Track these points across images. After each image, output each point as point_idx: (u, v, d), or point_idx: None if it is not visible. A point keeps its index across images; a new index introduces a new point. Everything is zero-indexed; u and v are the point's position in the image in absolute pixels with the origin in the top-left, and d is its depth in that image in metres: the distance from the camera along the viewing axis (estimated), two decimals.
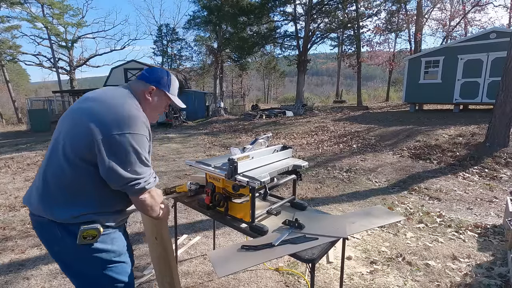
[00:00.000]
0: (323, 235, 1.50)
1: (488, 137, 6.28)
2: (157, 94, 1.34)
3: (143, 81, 1.34)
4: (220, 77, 22.93)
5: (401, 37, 22.26)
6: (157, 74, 1.36)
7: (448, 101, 11.41)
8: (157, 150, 8.51)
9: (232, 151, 1.79)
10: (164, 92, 1.36)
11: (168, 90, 1.38)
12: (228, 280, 2.41)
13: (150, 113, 1.33)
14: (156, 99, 1.35)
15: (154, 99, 1.34)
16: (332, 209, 3.91)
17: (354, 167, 5.91)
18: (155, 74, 1.35)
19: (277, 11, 19.40)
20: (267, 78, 44.65)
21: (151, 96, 1.33)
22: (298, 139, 9.23)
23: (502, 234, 3.11)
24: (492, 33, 10.18)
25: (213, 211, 1.80)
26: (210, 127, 13.65)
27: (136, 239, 3.14)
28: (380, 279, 2.42)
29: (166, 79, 1.38)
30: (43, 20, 22.48)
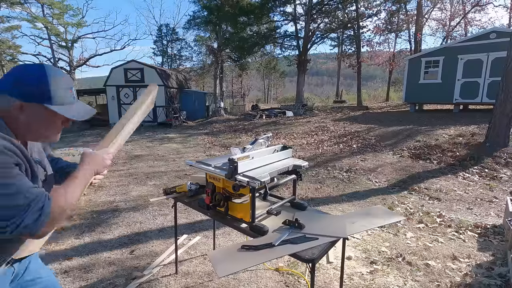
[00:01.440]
0: (323, 235, 1.50)
1: (488, 137, 6.28)
2: (32, 111, 0.89)
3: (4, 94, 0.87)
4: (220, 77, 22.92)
5: (401, 37, 22.28)
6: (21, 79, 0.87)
7: (448, 101, 11.41)
8: (157, 150, 8.52)
9: (232, 151, 1.79)
10: (43, 106, 0.89)
11: (49, 100, 0.89)
12: (228, 280, 2.41)
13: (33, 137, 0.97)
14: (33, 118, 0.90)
15: (29, 118, 0.90)
16: (332, 209, 3.91)
17: (354, 167, 5.91)
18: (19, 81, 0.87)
19: (277, 11, 19.40)
20: (267, 78, 44.64)
21: (24, 114, 0.89)
22: (298, 139, 9.23)
23: (502, 234, 3.11)
24: (492, 33, 10.18)
25: (213, 211, 1.80)
26: (210, 127, 13.65)
27: (136, 239, 3.15)
28: (380, 279, 2.42)
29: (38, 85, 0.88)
30: (43, 20, 22.48)
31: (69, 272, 2.53)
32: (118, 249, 2.93)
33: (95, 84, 32.74)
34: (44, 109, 0.90)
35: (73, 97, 0.97)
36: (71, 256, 2.78)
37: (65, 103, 0.93)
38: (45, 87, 0.88)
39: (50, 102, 0.89)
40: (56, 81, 0.91)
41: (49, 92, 0.89)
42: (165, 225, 3.49)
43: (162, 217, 3.73)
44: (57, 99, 0.90)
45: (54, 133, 0.98)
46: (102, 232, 3.32)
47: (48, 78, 0.89)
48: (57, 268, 2.57)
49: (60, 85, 0.92)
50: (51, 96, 0.89)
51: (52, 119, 0.93)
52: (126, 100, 15.58)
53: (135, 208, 4.03)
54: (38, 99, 0.88)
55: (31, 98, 0.87)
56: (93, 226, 3.46)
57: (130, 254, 2.84)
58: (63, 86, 0.93)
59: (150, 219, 3.66)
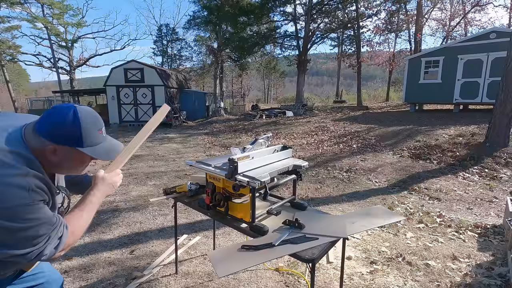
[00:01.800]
0: (323, 235, 1.50)
1: (488, 137, 6.28)
2: (64, 152, 0.96)
3: (39, 136, 0.93)
4: (220, 77, 22.93)
5: (401, 37, 22.29)
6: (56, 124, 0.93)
7: (448, 101, 11.41)
8: (157, 150, 8.52)
9: (232, 151, 1.79)
10: (75, 149, 0.97)
11: (80, 144, 0.97)
12: (228, 280, 2.41)
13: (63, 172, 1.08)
14: (65, 158, 0.98)
15: (62, 159, 0.97)
16: (332, 209, 3.91)
17: (354, 167, 5.92)
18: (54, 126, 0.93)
19: (277, 11, 19.41)
20: (267, 78, 44.65)
21: (56, 156, 0.96)
22: (298, 139, 9.23)
23: (502, 234, 3.11)
24: (492, 33, 10.18)
25: (213, 211, 1.80)
26: (210, 127, 13.65)
27: (136, 239, 3.15)
28: (380, 279, 2.42)
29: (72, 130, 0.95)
30: (43, 20, 22.49)
31: (69, 272, 2.53)
32: (118, 249, 2.93)
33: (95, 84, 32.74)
34: (75, 151, 0.98)
35: (102, 137, 1.05)
36: (71, 256, 2.78)
37: (94, 144, 1.01)
38: (78, 132, 0.95)
39: (81, 145, 0.97)
40: (88, 125, 0.98)
41: (81, 137, 0.96)
42: (165, 225, 3.49)
43: (162, 217, 3.73)
44: (87, 142, 0.98)
45: (81, 169, 1.08)
46: (102, 232, 3.32)
47: (80, 123, 0.95)
48: (57, 268, 2.57)
49: (91, 128, 0.99)
50: (82, 140, 0.97)
51: (82, 159, 1.03)
52: (126, 100, 15.58)
53: (135, 208, 4.03)
54: (70, 143, 0.96)
55: (64, 142, 0.95)
56: (93, 226, 3.46)
57: (130, 254, 2.84)
58: (94, 129, 1.00)
59: (150, 219, 3.66)
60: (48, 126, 0.94)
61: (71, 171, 1.08)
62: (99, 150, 1.02)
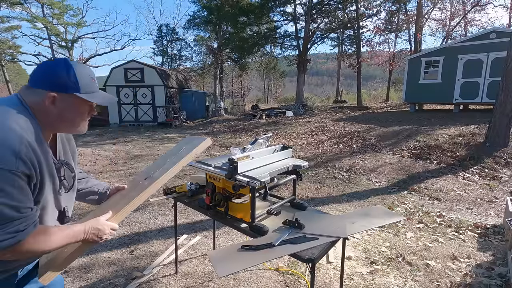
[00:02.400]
0: (323, 235, 1.50)
1: (488, 137, 6.28)
2: (63, 101, 0.95)
3: (35, 89, 0.93)
4: (220, 77, 22.94)
5: (401, 37, 22.30)
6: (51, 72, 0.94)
7: (448, 101, 11.41)
8: (157, 150, 8.52)
9: (232, 151, 1.79)
10: (74, 95, 0.96)
11: (78, 90, 0.96)
12: (228, 280, 2.41)
13: (65, 127, 1.01)
14: (65, 107, 0.96)
15: (61, 109, 0.96)
16: (332, 209, 3.91)
17: (354, 167, 5.91)
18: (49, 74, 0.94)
19: (277, 11, 19.40)
20: (267, 78, 44.65)
21: (56, 106, 0.94)
22: (298, 139, 9.23)
23: (502, 234, 3.11)
24: (492, 33, 10.18)
25: (213, 211, 1.80)
26: (210, 127, 13.65)
27: (136, 239, 3.15)
28: (380, 279, 2.42)
29: (67, 76, 0.94)
30: (43, 20, 22.47)
31: (69, 272, 2.53)
32: (118, 249, 2.93)
33: None
34: (75, 98, 0.97)
35: (96, 85, 1.04)
36: None
37: (90, 92, 1.00)
38: (73, 77, 0.95)
39: (78, 90, 0.96)
40: (81, 71, 0.98)
41: (76, 82, 0.96)
42: (165, 225, 3.49)
43: (162, 217, 3.73)
44: (84, 88, 0.98)
45: (83, 123, 1.04)
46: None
47: (74, 69, 0.96)
48: None
49: (85, 74, 0.99)
50: (79, 85, 0.96)
51: (82, 107, 1.00)
52: (126, 100, 15.58)
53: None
54: (68, 89, 0.95)
55: (62, 89, 0.94)
56: None
57: (130, 254, 2.84)
58: (87, 76, 1.00)
59: (150, 219, 3.66)
60: (43, 76, 0.94)
61: (73, 126, 1.02)
62: (96, 96, 1.01)
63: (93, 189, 1.33)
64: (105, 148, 8.80)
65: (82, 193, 1.30)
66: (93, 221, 1.06)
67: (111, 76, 15.41)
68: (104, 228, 1.06)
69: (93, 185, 1.34)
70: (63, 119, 0.98)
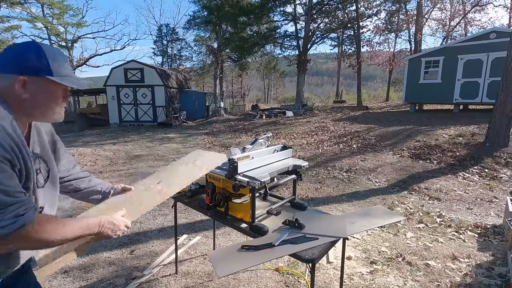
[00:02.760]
0: (323, 235, 1.50)
1: (488, 137, 6.28)
2: (35, 85, 0.90)
3: (3, 74, 0.88)
4: (220, 77, 22.95)
5: (401, 37, 22.30)
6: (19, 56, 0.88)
7: (448, 101, 11.41)
8: (157, 150, 8.52)
9: (232, 151, 1.79)
10: (46, 78, 0.90)
11: (50, 73, 0.90)
12: (228, 280, 2.41)
13: (40, 114, 0.95)
14: (37, 92, 0.91)
15: (33, 93, 0.90)
16: (332, 209, 3.91)
17: (354, 167, 5.91)
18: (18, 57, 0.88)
19: (277, 11, 19.41)
20: (267, 78, 44.65)
21: (27, 90, 0.89)
22: (298, 139, 9.23)
23: (502, 234, 3.11)
24: (492, 33, 10.18)
25: (213, 211, 1.80)
26: (210, 127, 13.65)
27: (136, 239, 3.15)
28: (380, 279, 2.42)
29: (37, 58, 0.89)
30: (43, 20, 22.50)
31: (69, 272, 2.53)
32: (118, 249, 2.93)
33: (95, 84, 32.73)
34: (47, 81, 0.91)
35: (70, 69, 0.98)
36: None
37: (63, 75, 0.94)
38: (44, 59, 0.90)
39: (50, 73, 0.91)
40: (52, 54, 0.92)
41: (48, 64, 0.90)
42: (165, 225, 3.49)
43: (162, 217, 3.73)
44: (56, 70, 0.92)
45: (58, 109, 0.98)
46: None
47: (44, 50, 0.90)
48: None
49: (57, 58, 0.93)
50: (50, 67, 0.91)
51: (55, 92, 0.95)
52: (126, 100, 15.59)
53: None
54: (40, 72, 0.89)
55: (32, 72, 0.89)
56: None
57: (130, 254, 2.84)
58: (59, 58, 0.94)
59: (150, 219, 3.66)
60: (11, 60, 0.88)
61: (47, 113, 0.95)
62: (70, 79, 0.95)
63: (97, 188, 1.29)
64: (105, 148, 8.80)
65: (85, 192, 1.27)
66: (109, 216, 1.05)
67: (111, 76, 15.41)
68: (119, 224, 1.06)
69: (96, 184, 1.31)
70: (36, 104, 0.92)
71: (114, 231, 1.04)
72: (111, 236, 1.05)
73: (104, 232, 1.01)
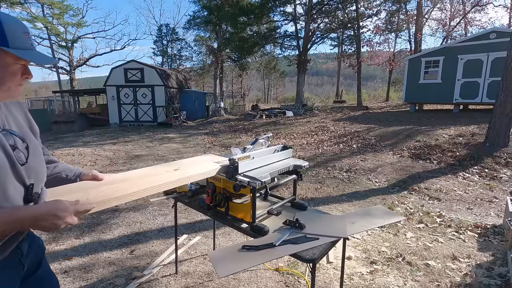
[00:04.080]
0: (324, 235, 1.50)
1: (488, 137, 6.28)
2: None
3: None
4: (220, 77, 22.95)
5: (401, 37, 22.30)
6: None
7: (448, 101, 11.41)
8: (157, 150, 8.52)
9: (232, 151, 1.79)
10: (1, 49, 0.81)
11: (5, 43, 0.81)
12: (228, 280, 2.41)
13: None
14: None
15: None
16: (332, 209, 3.91)
17: (354, 167, 5.92)
18: None
19: (277, 11, 19.41)
20: (267, 78, 44.64)
21: None
22: (298, 139, 9.23)
23: (502, 234, 3.11)
24: (492, 33, 10.18)
25: (214, 211, 1.80)
26: (210, 127, 13.65)
27: (136, 239, 3.15)
28: (380, 279, 2.42)
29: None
30: (43, 20, 22.48)
31: (69, 272, 2.53)
32: (118, 249, 2.93)
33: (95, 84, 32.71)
34: (2, 53, 0.81)
35: (31, 43, 0.88)
36: (71, 256, 2.78)
37: (23, 48, 0.84)
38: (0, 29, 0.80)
39: (6, 44, 0.80)
40: (10, 22, 0.82)
41: (3, 33, 0.80)
42: (165, 225, 3.49)
43: (162, 217, 3.73)
44: (14, 43, 0.82)
45: (14, 85, 0.87)
46: (102, 232, 3.32)
47: (1, 20, 0.80)
48: (57, 268, 2.57)
49: (16, 28, 0.83)
50: (6, 37, 0.80)
51: (12, 66, 0.84)
52: (126, 100, 15.58)
53: (135, 208, 4.03)
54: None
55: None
56: (93, 226, 3.46)
57: (130, 254, 2.84)
58: (19, 30, 0.84)
59: (150, 219, 3.66)
60: None
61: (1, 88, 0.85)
62: (32, 53, 0.86)
63: (61, 175, 1.13)
64: (105, 148, 8.80)
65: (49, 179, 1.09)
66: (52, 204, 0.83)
67: (111, 76, 15.41)
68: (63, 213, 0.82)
69: (61, 170, 1.15)
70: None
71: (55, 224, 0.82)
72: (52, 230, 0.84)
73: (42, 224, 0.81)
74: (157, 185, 1.21)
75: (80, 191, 1.03)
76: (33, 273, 1.05)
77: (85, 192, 1.03)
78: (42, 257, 1.11)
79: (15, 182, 0.86)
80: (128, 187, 1.12)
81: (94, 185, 1.10)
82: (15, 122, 0.96)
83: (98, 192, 1.04)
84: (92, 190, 1.05)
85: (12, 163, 0.85)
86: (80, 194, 1.00)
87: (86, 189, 1.06)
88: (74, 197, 0.93)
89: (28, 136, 0.97)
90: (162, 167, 1.41)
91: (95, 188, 1.07)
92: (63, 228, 0.90)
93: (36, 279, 1.05)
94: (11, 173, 0.84)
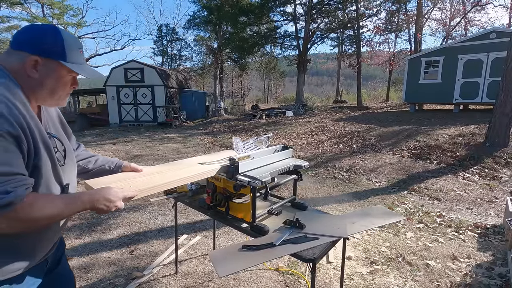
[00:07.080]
0: (324, 235, 1.50)
1: (488, 137, 6.28)
2: (46, 67, 0.89)
3: (18, 51, 0.87)
4: (220, 77, 22.96)
5: (401, 37, 22.32)
6: (37, 35, 0.87)
7: (448, 101, 11.41)
8: (157, 150, 8.52)
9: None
10: (58, 62, 0.90)
11: (64, 57, 0.90)
12: (228, 280, 2.41)
13: (45, 95, 0.93)
14: (47, 74, 0.90)
15: (43, 75, 0.89)
16: (332, 209, 3.91)
17: (354, 167, 5.92)
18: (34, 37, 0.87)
19: (277, 11, 19.43)
20: (267, 78, 44.65)
21: (37, 71, 0.88)
22: (298, 139, 9.23)
23: (502, 234, 3.11)
24: (492, 33, 10.18)
25: (214, 211, 1.80)
26: (210, 127, 13.65)
27: (136, 239, 3.14)
28: (380, 279, 2.42)
29: (54, 41, 0.88)
30: (43, 20, 22.47)
31: None
32: (118, 249, 2.93)
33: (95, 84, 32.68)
34: (58, 65, 0.91)
35: (83, 58, 0.98)
36: (71, 256, 2.78)
37: (77, 62, 0.94)
38: (60, 43, 0.89)
39: (64, 59, 0.90)
40: (69, 39, 0.92)
41: (63, 49, 0.90)
42: (165, 225, 3.49)
43: (162, 217, 3.73)
44: (70, 57, 0.92)
45: (64, 94, 0.97)
46: (102, 232, 3.32)
47: (62, 34, 0.91)
48: None
49: (73, 45, 0.93)
50: (65, 53, 0.90)
51: (65, 78, 0.94)
52: (126, 100, 15.58)
53: (135, 208, 4.03)
54: (53, 55, 0.89)
55: (46, 54, 0.88)
56: (93, 226, 3.46)
57: (130, 254, 2.84)
58: (76, 46, 0.94)
59: (150, 219, 3.66)
60: (28, 38, 0.87)
61: (52, 96, 0.94)
62: (83, 68, 0.96)
63: (105, 167, 1.27)
64: (105, 148, 8.80)
65: (93, 173, 1.24)
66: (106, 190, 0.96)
67: (111, 76, 15.40)
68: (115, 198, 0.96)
69: (104, 163, 1.28)
70: (43, 86, 0.90)
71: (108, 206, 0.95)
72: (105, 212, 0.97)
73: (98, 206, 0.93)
74: (184, 177, 1.35)
75: (123, 180, 1.18)
76: (54, 269, 1.11)
77: (128, 181, 1.17)
78: (63, 253, 1.18)
79: (55, 182, 0.95)
80: (161, 178, 1.27)
81: (133, 176, 1.26)
82: (53, 125, 1.05)
83: (138, 182, 1.19)
84: (131, 180, 1.20)
85: (54, 164, 0.94)
86: (124, 183, 1.14)
87: (127, 178, 1.21)
88: (120, 186, 1.06)
89: (64, 138, 1.07)
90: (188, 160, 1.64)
91: (134, 178, 1.23)
92: (113, 211, 1.01)
93: (57, 274, 1.13)
94: (52, 173, 0.94)
